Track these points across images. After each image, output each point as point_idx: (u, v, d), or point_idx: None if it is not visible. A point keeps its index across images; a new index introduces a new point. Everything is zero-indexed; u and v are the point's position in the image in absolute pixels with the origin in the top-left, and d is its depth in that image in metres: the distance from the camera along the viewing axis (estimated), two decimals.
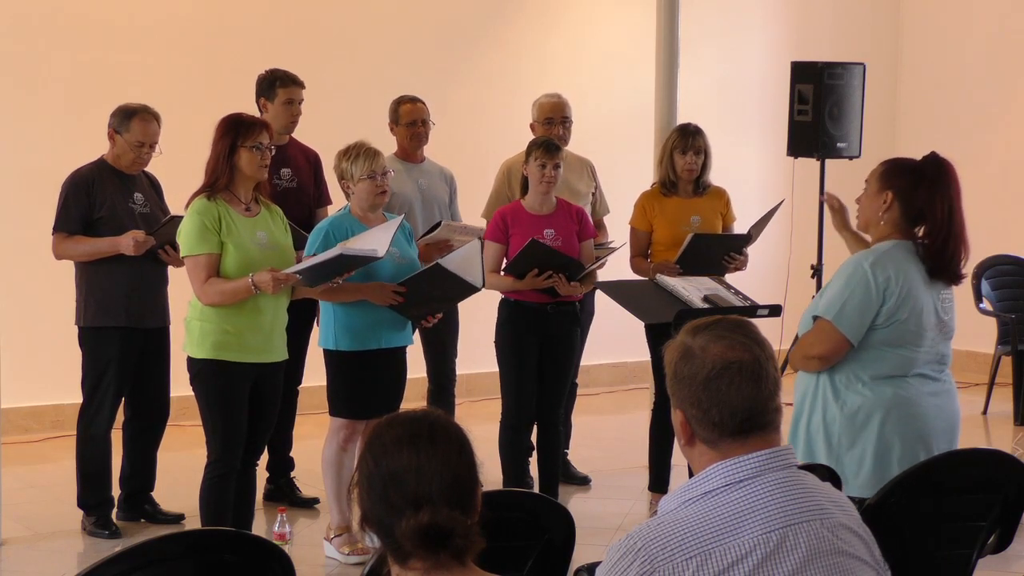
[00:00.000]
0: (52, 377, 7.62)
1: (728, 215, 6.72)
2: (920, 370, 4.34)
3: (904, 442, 4.28)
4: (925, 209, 4.30)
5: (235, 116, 5.45)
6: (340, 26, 8.83)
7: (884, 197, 4.35)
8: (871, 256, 4.32)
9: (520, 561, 3.29)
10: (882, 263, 4.28)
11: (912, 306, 4.27)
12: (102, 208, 6.09)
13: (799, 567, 2.39)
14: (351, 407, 5.80)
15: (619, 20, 9.63)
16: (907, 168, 4.38)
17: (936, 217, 4.29)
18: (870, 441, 4.28)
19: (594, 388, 9.24)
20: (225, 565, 3.07)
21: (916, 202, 4.31)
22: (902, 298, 4.26)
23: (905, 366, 4.31)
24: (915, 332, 4.30)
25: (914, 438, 4.29)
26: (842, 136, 8.97)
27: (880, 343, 4.28)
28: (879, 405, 4.29)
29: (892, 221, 4.35)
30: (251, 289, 5.22)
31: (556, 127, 6.87)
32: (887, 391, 4.29)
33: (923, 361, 4.34)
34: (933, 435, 4.33)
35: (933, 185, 4.30)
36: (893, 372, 4.30)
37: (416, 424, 2.35)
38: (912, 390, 4.32)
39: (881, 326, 4.27)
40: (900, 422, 4.29)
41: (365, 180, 5.74)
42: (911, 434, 4.30)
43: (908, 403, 4.31)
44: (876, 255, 4.31)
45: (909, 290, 4.27)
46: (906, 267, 4.29)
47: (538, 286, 6.10)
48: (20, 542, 6.13)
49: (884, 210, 4.35)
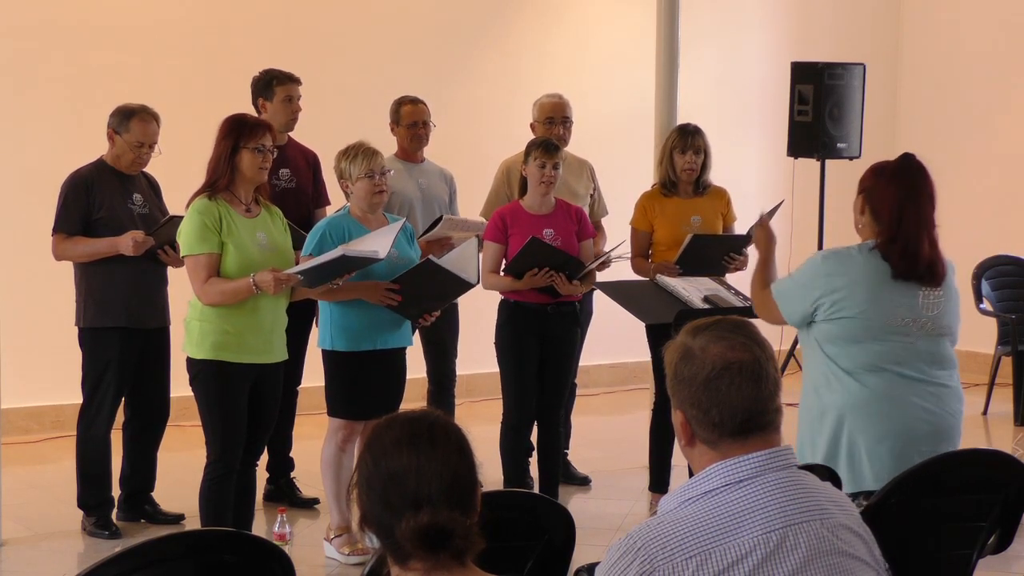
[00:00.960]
0: (52, 378, 7.62)
1: (729, 215, 6.72)
2: (894, 367, 4.29)
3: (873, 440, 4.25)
4: (879, 209, 4.32)
5: (239, 117, 5.46)
6: (340, 27, 8.83)
7: (859, 200, 4.41)
8: (829, 251, 4.45)
9: (520, 561, 3.29)
10: (835, 258, 4.35)
11: (862, 302, 4.25)
12: (101, 209, 6.09)
13: (799, 567, 2.39)
14: (349, 408, 5.80)
15: (619, 20, 9.63)
16: (875, 171, 4.42)
17: (883, 219, 4.31)
18: (841, 438, 4.30)
19: (594, 388, 9.24)
20: (225, 565, 3.07)
21: (884, 203, 4.33)
22: (848, 294, 4.26)
23: (872, 360, 4.28)
24: (876, 328, 4.27)
25: (892, 435, 4.24)
26: (842, 136, 8.98)
27: (839, 337, 4.30)
28: (844, 401, 4.29)
29: (868, 224, 4.38)
30: (252, 289, 5.22)
31: (557, 127, 6.87)
32: (853, 386, 4.29)
33: (897, 358, 4.29)
34: (911, 437, 4.25)
35: (887, 187, 4.32)
36: (860, 367, 4.29)
37: (416, 425, 2.35)
38: (884, 386, 4.28)
39: (829, 320, 4.29)
40: (871, 417, 4.26)
41: (363, 179, 5.73)
42: (885, 430, 4.25)
43: (879, 399, 4.27)
44: (834, 250, 4.42)
45: (858, 287, 4.26)
46: (861, 265, 4.29)
47: (537, 284, 6.09)
48: (20, 542, 6.13)
49: (860, 212, 4.41)
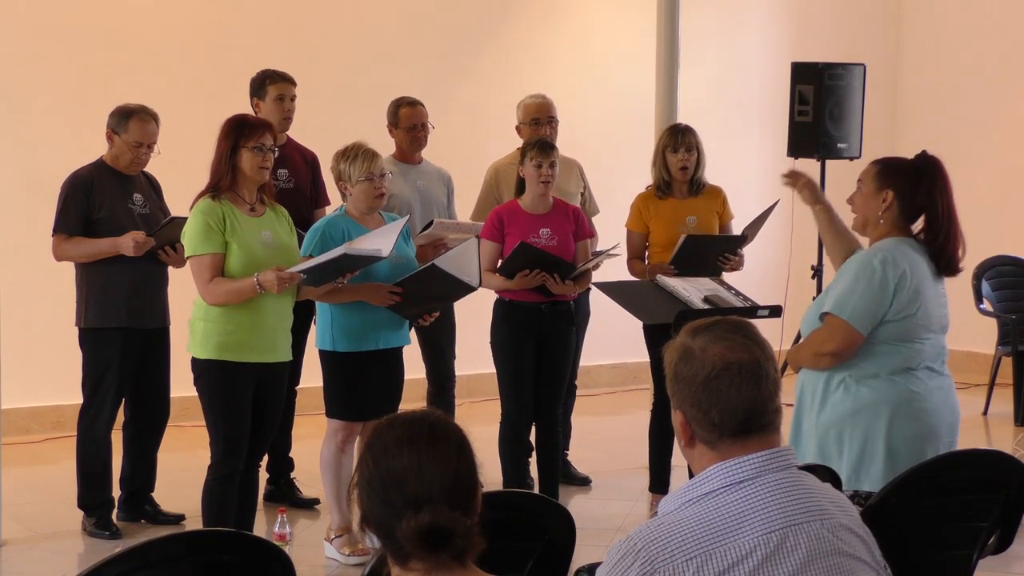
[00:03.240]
0: (52, 378, 7.62)
1: (725, 213, 6.71)
2: (927, 364, 4.38)
3: (915, 435, 4.31)
4: (927, 207, 4.37)
5: (239, 117, 5.46)
6: (339, 27, 8.83)
7: (883, 196, 4.38)
8: (879, 253, 4.35)
9: (521, 562, 3.29)
10: (893, 259, 4.31)
11: (921, 301, 4.32)
12: (101, 209, 6.09)
13: (799, 568, 2.39)
14: (348, 408, 5.80)
15: (619, 21, 9.63)
16: (905, 167, 4.43)
17: (938, 214, 4.35)
18: (880, 435, 4.30)
19: (594, 389, 9.23)
20: (225, 566, 3.08)
21: (917, 200, 4.37)
22: (913, 293, 4.30)
23: (913, 360, 4.35)
24: (923, 326, 4.35)
25: (923, 431, 4.33)
26: (842, 137, 8.98)
27: (889, 338, 4.32)
28: (888, 400, 4.31)
29: (891, 220, 4.39)
30: (256, 288, 5.22)
31: (543, 127, 6.85)
32: (896, 386, 4.32)
33: (929, 355, 4.38)
34: (940, 429, 4.37)
35: (933, 183, 4.36)
36: (901, 367, 4.33)
37: (416, 425, 2.35)
38: (921, 384, 4.35)
39: (890, 320, 4.30)
40: (909, 416, 4.32)
41: (363, 182, 5.73)
42: (920, 428, 4.33)
43: (917, 397, 4.34)
44: (885, 252, 4.34)
45: (919, 285, 4.32)
46: (916, 262, 4.34)
47: (528, 285, 6.09)
48: (20, 543, 6.13)
49: (884, 209, 4.38)
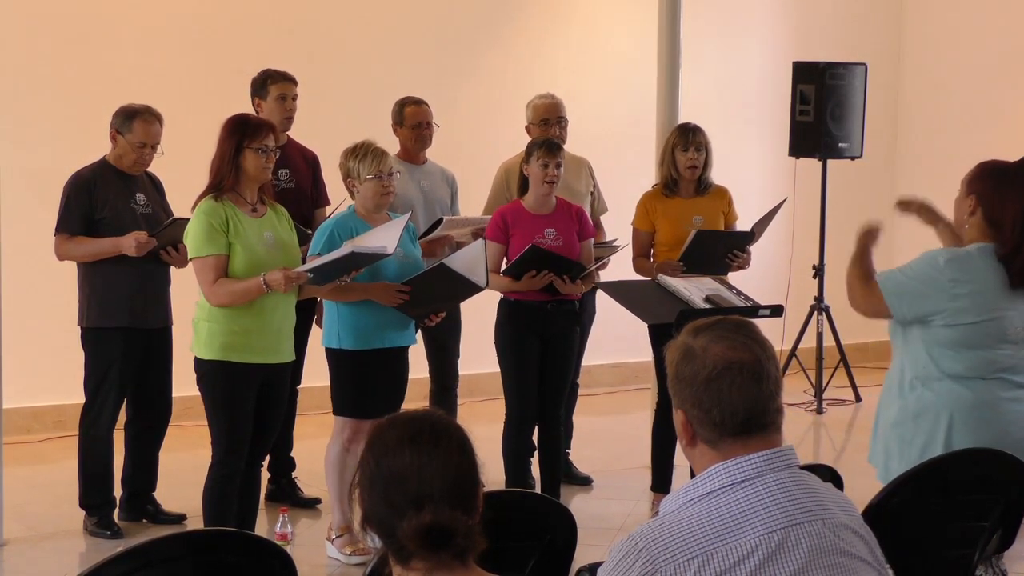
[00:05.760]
0: (54, 377, 7.62)
1: (730, 214, 6.72)
2: (1003, 374, 4.26)
3: (974, 444, 4.16)
4: (999, 215, 4.25)
5: (241, 117, 5.46)
6: (342, 27, 8.83)
7: (969, 201, 4.31)
8: (948, 253, 4.28)
9: (522, 561, 3.29)
10: (957, 263, 4.23)
11: (986, 309, 4.20)
12: (104, 209, 6.09)
13: (801, 567, 2.39)
14: (355, 406, 5.80)
15: (621, 21, 9.63)
16: (991, 171, 4.32)
17: (1004, 223, 4.24)
18: (938, 441, 4.23)
19: (596, 388, 9.23)
20: (227, 566, 3.08)
21: (995, 207, 4.26)
22: (971, 302, 4.20)
23: (983, 368, 4.24)
24: (994, 336, 4.22)
25: (988, 441, 4.14)
26: (844, 136, 8.99)
27: (955, 343, 4.23)
28: (948, 404, 4.24)
29: (977, 225, 4.29)
30: (262, 288, 5.22)
31: (552, 128, 6.82)
32: (959, 390, 4.24)
33: (1006, 365, 4.26)
34: (1012, 441, 4.15)
35: (1008, 191, 4.25)
36: (969, 373, 4.24)
37: (417, 424, 2.35)
38: (989, 393, 4.25)
39: (949, 325, 4.22)
40: (971, 423, 4.22)
41: (371, 180, 5.73)
42: (984, 438, 4.18)
43: (982, 405, 4.24)
44: (954, 254, 4.27)
45: (982, 294, 4.20)
46: (983, 272, 4.23)
47: (535, 286, 6.10)
48: (22, 542, 6.13)
49: (969, 214, 4.31)
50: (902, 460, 4.28)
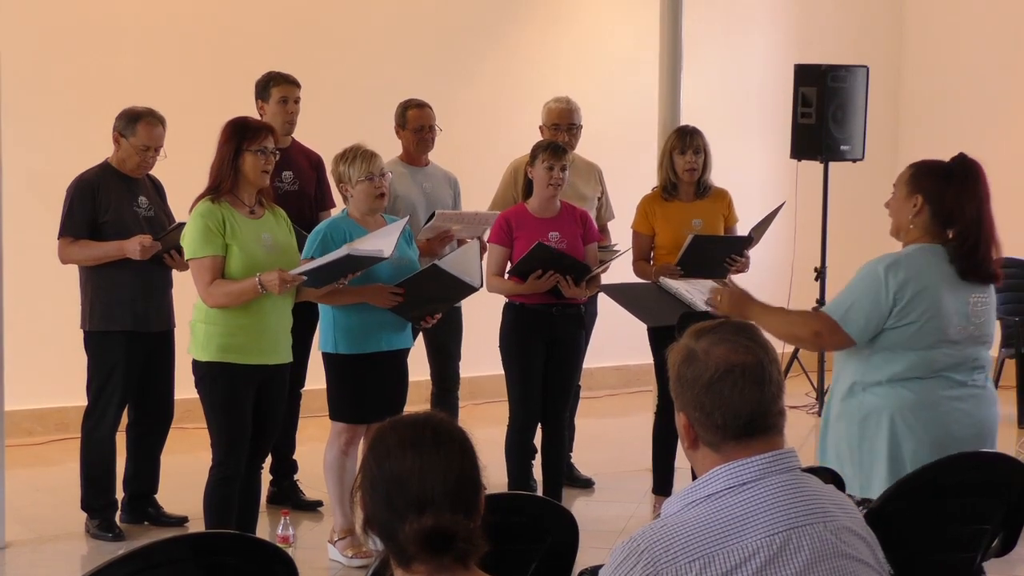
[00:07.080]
0: (56, 380, 7.63)
1: (731, 216, 6.71)
2: (944, 373, 4.27)
3: (919, 445, 4.19)
4: (955, 211, 4.25)
5: (241, 120, 5.46)
6: (345, 29, 8.83)
7: (914, 200, 4.30)
8: (889, 259, 4.27)
9: (524, 564, 3.29)
10: (899, 266, 4.23)
11: (928, 309, 4.20)
12: (107, 212, 6.09)
13: (802, 570, 2.39)
14: (351, 411, 5.80)
15: (623, 24, 9.63)
16: (936, 170, 4.33)
17: (966, 218, 4.25)
18: (882, 443, 4.23)
19: (597, 391, 9.23)
20: (228, 568, 3.08)
21: (946, 204, 4.26)
22: (915, 301, 4.19)
23: (922, 367, 4.24)
24: (934, 334, 4.22)
25: (933, 441, 4.18)
26: (845, 139, 8.99)
27: (895, 345, 4.22)
28: (889, 406, 4.23)
29: (922, 224, 4.30)
30: (258, 290, 5.22)
31: (562, 134, 6.79)
32: (901, 392, 4.24)
33: (947, 364, 4.26)
34: (954, 440, 4.19)
35: (962, 186, 4.26)
36: (910, 373, 4.24)
37: (419, 427, 2.35)
38: (931, 393, 4.24)
39: (893, 327, 4.21)
40: (914, 424, 4.22)
41: (363, 182, 5.73)
42: (926, 437, 4.20)
43: (924, 405, 4.23)
44: (894, 258, 4.27)
45: (926, 293, 4.21)
46: (927, 270, 4.23)
47: (541, 288, 6.09)
48: (24, 544, 6.13)
49: (914, 213, 4.29)
50: (852, 464, 4.27)
